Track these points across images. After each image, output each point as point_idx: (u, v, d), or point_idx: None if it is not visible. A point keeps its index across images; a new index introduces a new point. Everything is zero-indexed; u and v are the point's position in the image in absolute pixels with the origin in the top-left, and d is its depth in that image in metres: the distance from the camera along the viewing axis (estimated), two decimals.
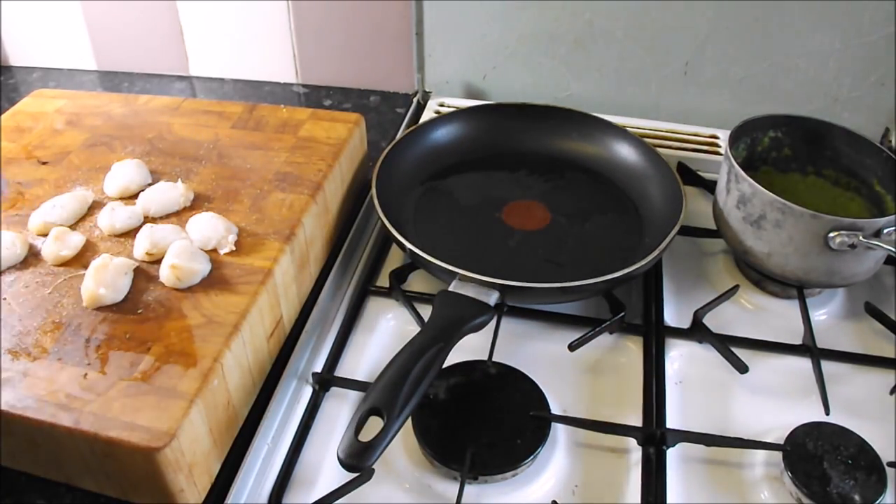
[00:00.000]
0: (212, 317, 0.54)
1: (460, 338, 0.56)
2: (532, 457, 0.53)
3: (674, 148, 0.86)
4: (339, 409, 0.60)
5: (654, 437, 0.55)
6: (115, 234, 0.62)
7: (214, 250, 0.60)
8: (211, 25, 0.99)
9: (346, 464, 0.47)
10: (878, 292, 0.70)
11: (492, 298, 0.59)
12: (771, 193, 0.62)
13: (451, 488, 0.53)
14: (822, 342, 0.62)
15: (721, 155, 0.85)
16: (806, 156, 0.73)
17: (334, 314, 0.67)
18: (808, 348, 0.62)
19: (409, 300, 0.66)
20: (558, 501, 0.51)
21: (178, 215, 0.64)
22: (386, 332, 0.67)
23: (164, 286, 0.57)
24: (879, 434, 0.56)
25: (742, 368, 0.60)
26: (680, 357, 0.63)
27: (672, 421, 0.57)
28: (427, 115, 0.92)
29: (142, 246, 0.59)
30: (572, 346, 0.62)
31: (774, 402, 0.60)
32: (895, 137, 0.85)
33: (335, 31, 0.96)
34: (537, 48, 0.90)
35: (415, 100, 0.98)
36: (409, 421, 0.54)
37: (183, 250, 0.57)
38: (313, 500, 0.51)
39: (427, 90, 0.98)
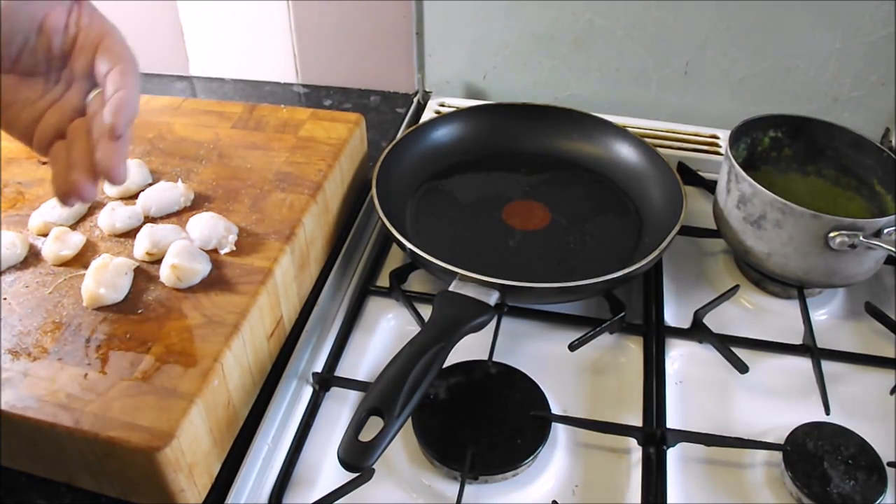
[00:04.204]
0: (212, 317, 0.54)
1: (460, 338, 0.56)
2: (532, 457, 0.54)
3: (674, 148, 0.86)
4: (339, 409, 0.60)
5: (655, 437, 0.55)
6: (115, 233, 0.62)
7: (215, 250, 0.60)
8: (211, 25, 0.99)
9: (346, 464, 0.47)
10: (878, 292, 0.70)
11: (492, 298, 0.59)
12: (771, 193, 0.62)
13: (452, 488, 0.53)
14: (822, 342, 0.62)
15: (721, 155, 0.85)
16: (806, 156, 0.73)
17: (334, 314, 0.67)
18: (809, 348, 0.62)
19: (409, 300, 0.66)
20: (558, 501, 0.51)
21: (179, 215, 0.64)
22: (386, 332, 0.67)
23: (164, 286, 0.57)
24: (879, 434, 0.56)
25: (742, 368, 0.60)
26: (680, 357, 0.64)
27: (672, 421, 0.57)
28: (427, 115, 0.92)
29: (142, 246, 0.59)
30: (572, 346, 0.62)
31: (774, 402, 0.60)
32: (895, 137, 0.85)
33: (335, 31, 0.96)
34: (537, 48, 0.90)
35: (415, 100, 0.98)
36: (409, 421, 0.54)
37: (183, 250, 0.57)
38: (313, 500, 0.51)
39: (427, 90, 0.98)
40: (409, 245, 0.64)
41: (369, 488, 0.52)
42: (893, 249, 0.58)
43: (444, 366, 0.54)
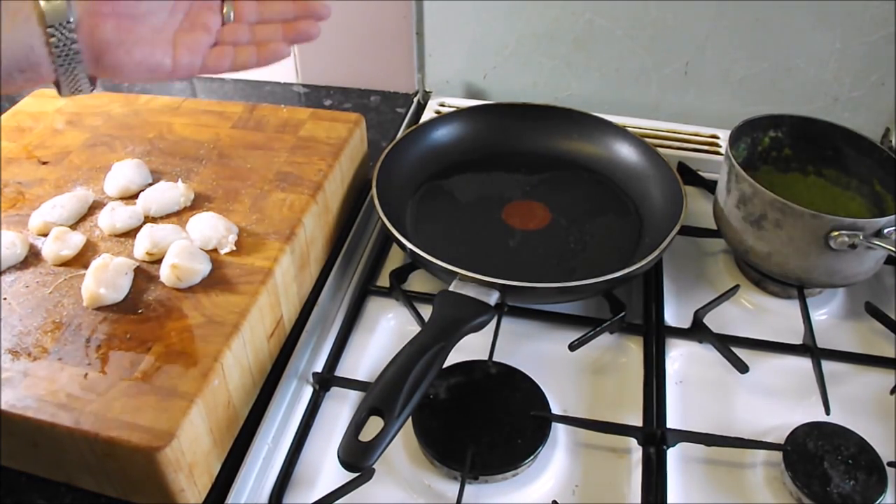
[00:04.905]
0: (212, 317, 0.54)
1: (461, 338, 0.56)
2: (532, 457, 0.54)
3: (674, 148, 0.86)
4: (339, 409, 0.60)
5: (655, 436, 0.55)
6: (115, 233, 0.62)
7: (215, 250, 0.60)
8: None
9: (346, 464, 0.47)
10: (878, 292, 0.70)
11: (492, 298, 0.59)
12: (771, 193, 0.62)
13: (452, 488, 0.53)
14: (822, 342, 0.62)
15: (721, 155, 0.85)
16: (806, 156, 0.73)
17: (334, 314, 0.67)
18: (809, 348, 0.62)
19: (410, 300, 0.66)
20: (558, 501, 0.51)
21: (179, 215, 0.64)
22: (386, 332, 0.67)
23: (164, 286, 0.57)
24: (879, 434, 0.56)
25: (742, 368, 0.60)
26: (680, 357, 0.64)
27: (672, 421, 0.57)
28: (427, 115, 0.92)
29: (142, 246, 0.59)
30: (573, 346, 0.62)
31: (774, 402, 0.60)
32: (895, 137, 0.85)
33: (335, 31, 0.96)
34: (537, 48, 0.90)
35: (415, 100, 0.98)
36: (409, 421, 0.54)
37: (183, 250, 0.57)
38: (313, 500, 0.51)
39: (427, 90, 0.98)
40: (409, 245, 0.64)
41: (369, 488, 0.52)
42: (893, 249, 0.58)
43: (444, 366, 0.54)
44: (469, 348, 0.59)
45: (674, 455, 0.55)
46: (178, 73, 0.50)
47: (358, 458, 0.47)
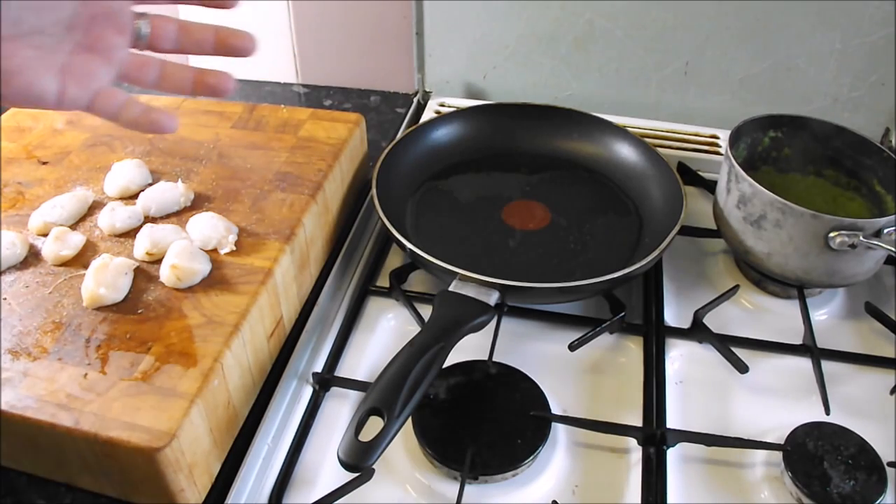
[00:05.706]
0: (212, 317, 0.54)
1: (460, 338, 0.56)
2: (532, 457, 0.54)
3: (674, 148, 0.86)
4: (339, 409, 0.60)
5: (655, 437, 0.55)
6: (115, 234, 0.62)
7: (215, 250, 0.60)
8: None
9: (346, 464, 0.47)
10: (878, 292, 0.70)
11: (492, 298, 0.59)
12: (771, 193, 0.62)
13: (451, 488, 0.53)
14: (822, 342, 0.62)
15: (721, 155, 0.85)
16: (806, 156, 0.73)
17: (334, 314, 0.67)
18: (809, 348, 0.62)
19: (409, 300, 0.66)
20: (558, 501, 0.51)
21: (179, 215, 0.64)
22: (386, 332, 0.67)
23: (164, 286, 0.57)
24: (879, 434, 0.56)
25: (742, 368, 0.60)
26: (680, 357, 0.64)
27: (672, 421, 0.57)
28: (427, 115, 0.92)
29: (142, 246, 0.59)
30: (572, 346, 0.62)
31: (774, 402, 0.60)
32: (895, 137, 0.85)
33: (335, 31, 0.96)
34: (537, 48, 0.90)
35: (415, 100, 0.98)
36: (409, 421, 0.54)
37: (183, 250, 0.57)
38: (313, 500, 0.51)
39: (427, 90, 0.98)
40: (409, 245, 0.64)
41: (369, 488, 0.52)
42: (893, 249, 0.58)
43: (444, 366, 0.54)
44: (469, 348, 0.59)
45: (674, 455, 0.55)
46: (64, 106, 0.44)
47: (358, 458, 0.47)
